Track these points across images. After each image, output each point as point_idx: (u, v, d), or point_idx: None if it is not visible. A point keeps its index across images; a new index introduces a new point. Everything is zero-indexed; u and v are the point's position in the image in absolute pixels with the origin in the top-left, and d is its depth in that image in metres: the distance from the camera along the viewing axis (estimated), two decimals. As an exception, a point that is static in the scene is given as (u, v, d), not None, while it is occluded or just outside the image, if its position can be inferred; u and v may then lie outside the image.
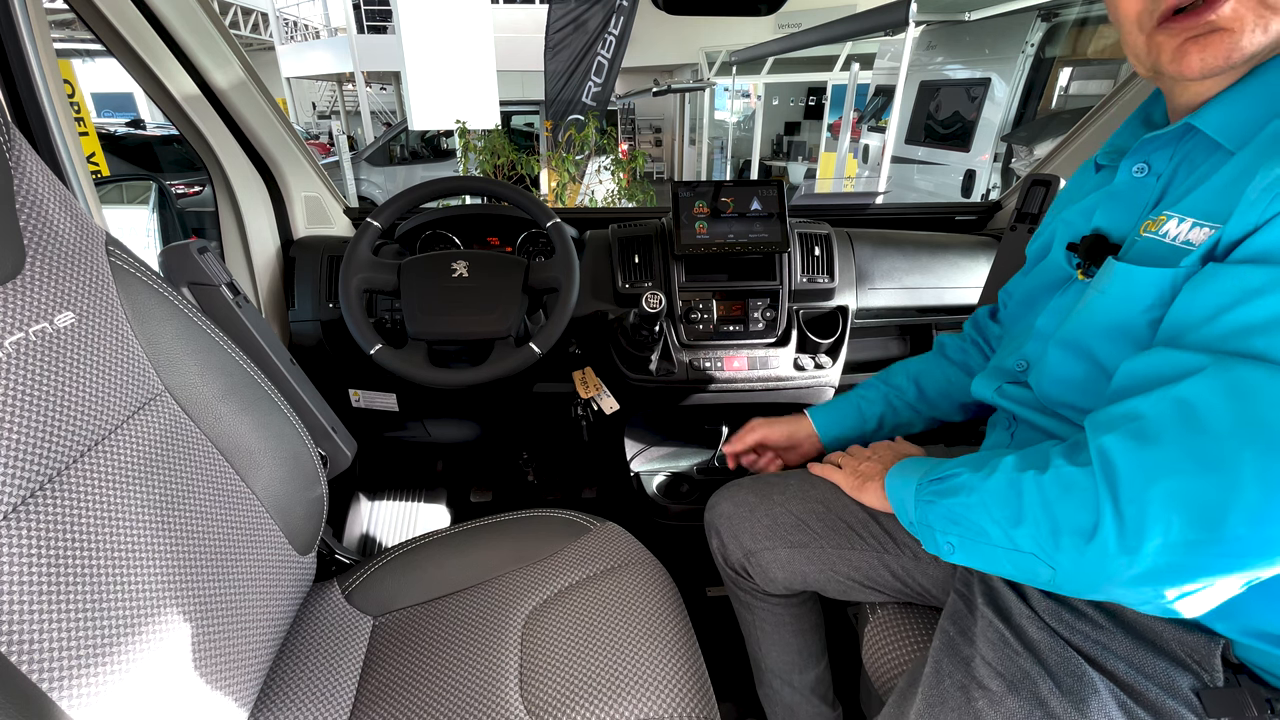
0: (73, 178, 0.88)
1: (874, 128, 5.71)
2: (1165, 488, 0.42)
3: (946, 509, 0.58)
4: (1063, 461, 0.49)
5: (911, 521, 0.63)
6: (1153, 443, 0.43)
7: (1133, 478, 0.43)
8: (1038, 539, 0.49)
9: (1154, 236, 0.52)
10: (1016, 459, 0.54)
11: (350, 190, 6.10)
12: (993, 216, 1.49)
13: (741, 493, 0.90)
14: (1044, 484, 0.49)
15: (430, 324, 1.03)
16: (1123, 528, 0.43)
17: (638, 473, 1.42)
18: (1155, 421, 0.44)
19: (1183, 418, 0.43)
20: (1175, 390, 0.44)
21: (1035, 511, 0.49)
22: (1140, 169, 0.59)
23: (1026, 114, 3.98)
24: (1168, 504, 0.42)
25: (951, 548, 0.57)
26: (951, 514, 0.57)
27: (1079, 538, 0.45)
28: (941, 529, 0.58)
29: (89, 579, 0.50)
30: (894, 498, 0.67)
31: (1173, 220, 0.51)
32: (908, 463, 0.68)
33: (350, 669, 0.75)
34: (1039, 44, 3.88)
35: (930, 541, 0.60)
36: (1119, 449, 0.45)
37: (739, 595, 0.95)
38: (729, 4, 0.99)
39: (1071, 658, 0.55)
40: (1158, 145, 0.58)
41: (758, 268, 1.21)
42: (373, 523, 1.53)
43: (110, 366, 0.58)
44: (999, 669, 0.57)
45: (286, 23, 13.10)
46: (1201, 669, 0.53)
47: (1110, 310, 0.55)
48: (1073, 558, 0.46)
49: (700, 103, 10.36)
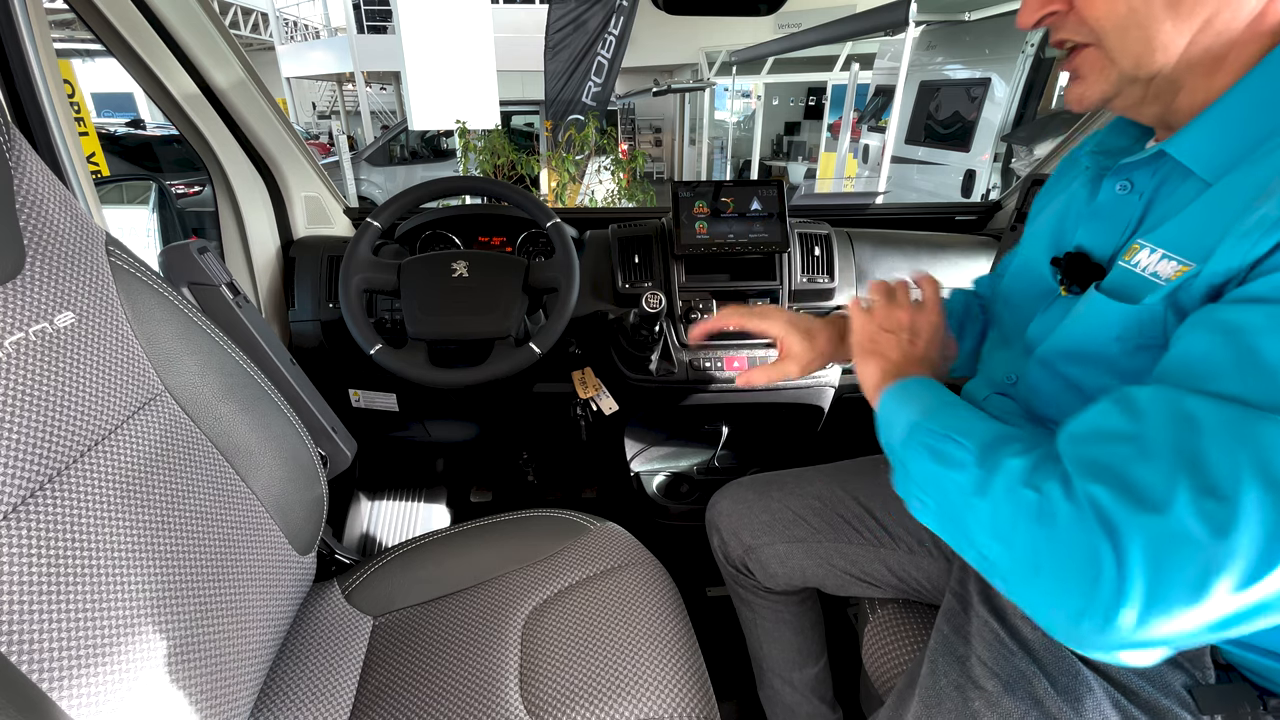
0: (73, 178, 0.88)
1: (874, 128, 5.71)
2: (1158, 529, 0.36)
3: (933, 473, 0.50)
4: (1060, 496, 0.40)
5: (891, 449, 0.56)
6: (1162, 509, 0.36)
7: (1135, 547, 0.36)
8: (1014, 565, 0.42)
9: (1127, 267, 0.51)
10: (1025, 470, 0.44)
11: (350, 190, 6.09)
12: (993, 216, 1.49)
13: (741, 490, 0.91)
14: (1041, 531, 0.40)
15: (430, 324, 1.03)
16: (1118, 598, 0.36)
17: (638, 473, 1.42)
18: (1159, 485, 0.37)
19: (1183, 446, 0.37)
20: (1186, 403, 0.39)
21: (1023, 545, 0.41)
22: (1123, 187, 0.57)
23: (1026, 114, 3.98)
24: (1163, 546, 0.36)
25: (923, 505, 0.52)
26: (937, 481, 0.50)
27: (1064, 593, 0.39)
28: (919, 484, 0.52)
29: (89, 579, 0.50)
30: (884, 414, 0.58)
31: (1144, 250, 0.50)
32: (919, 385, 0.57)
33: (350, 669, 0.75)
34: (1039, 44, 3.89)
35: (903, 484, 0.54)
36: (1116, 510, 0.38)
37: (739, 593, 0.96)
38: (729, 4, 0.99)
39: (1066, 657, 0.55)
40: (1138, 165, 0.56)
41: (758, 268, 1.21)
42: (373, 523, 1.53)
43: (110, 366, 0.58)
44: (994, 669, 0.57)
45: (286, 23, 13.11)
46: (1194, 667, 0.53)
47: (1081, 337, 0.55)
48: (1048, 601, 0.40)
49: (700, 103, 10.36)
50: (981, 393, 0.72)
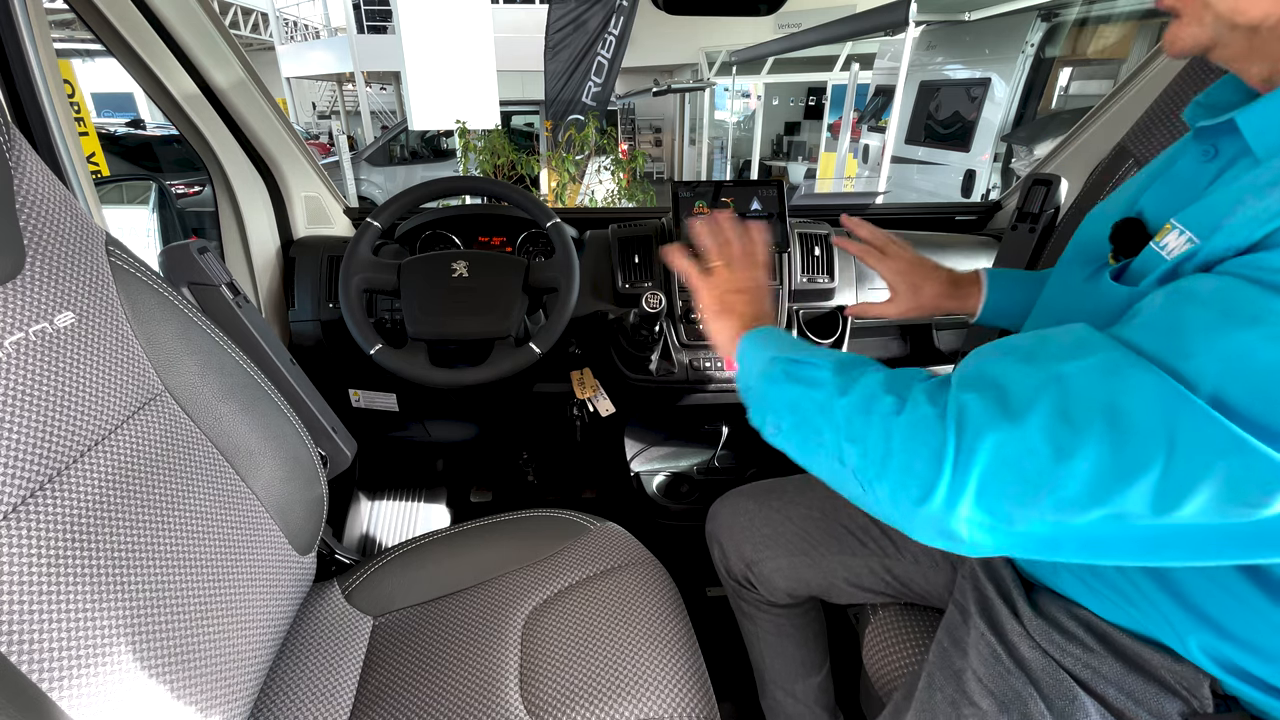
0: (73, 178, 0.88)
1: (874, 128, 5.71)
2: (1004, 455, 0.39)
3: (791, 394, 0.53)
4: (923, 400, 0.44)
5: (748, 387, 0.59)
6: (1015, 413, 0.40)
7: (977, 439, 0.40)
8: (867, 461, 0.46)
9: (1155, 248, 0.47)
10: (885, 379, 0.48)
11: (350, 190, 6.09)
12: (993, 216, 1.49)
13: (741, 500, 0.90)
14: (894, 419, 0.45)
15: (430, 324, 1.03)
16: (953, 483, 0.40)
17: (638, 473, 1.42)
18: (1027, 392, 0.40)
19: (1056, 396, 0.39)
20: (1064, 367, 0.40)
21: (875, 437, 0.45)
22: (1207, 152, 0.51)
23: (1026, 114, 3.98)
24: (999, 471, 0.39)
25: (777, 429, 0.54)
26: (794, 401, 0.52)
27: (906, 478, 0.43)
28: (775, 409, 0.54)
29: (89, 579, 0.50)
30: (741, 358, 0.61)
31: (1174, 232, 0.45)
32: (772, 333, 0.61)
33: (350, 669, 0.75)
34: (1039, 44, 3.89)
35: (759, 415, 0.56)
36: (976, 410, 0.41)
37: (741, 605, 0.95)
38: (729, 4, 0.99)
39: (1063, 679, 0.54)
40: (1218, 131, 0.50)
41: None
42: (373, 523, 1.53)
43: (110, 366, 0.58)
44: (990, 686, 0.56)
45: (286, 23, 13.11)
46: (1191, 695, 0.52)
47: (1086, 314, 0.51)
48: (892, 492, 0.44)
49: (700, 103, 10.36)
50: None
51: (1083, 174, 1.09)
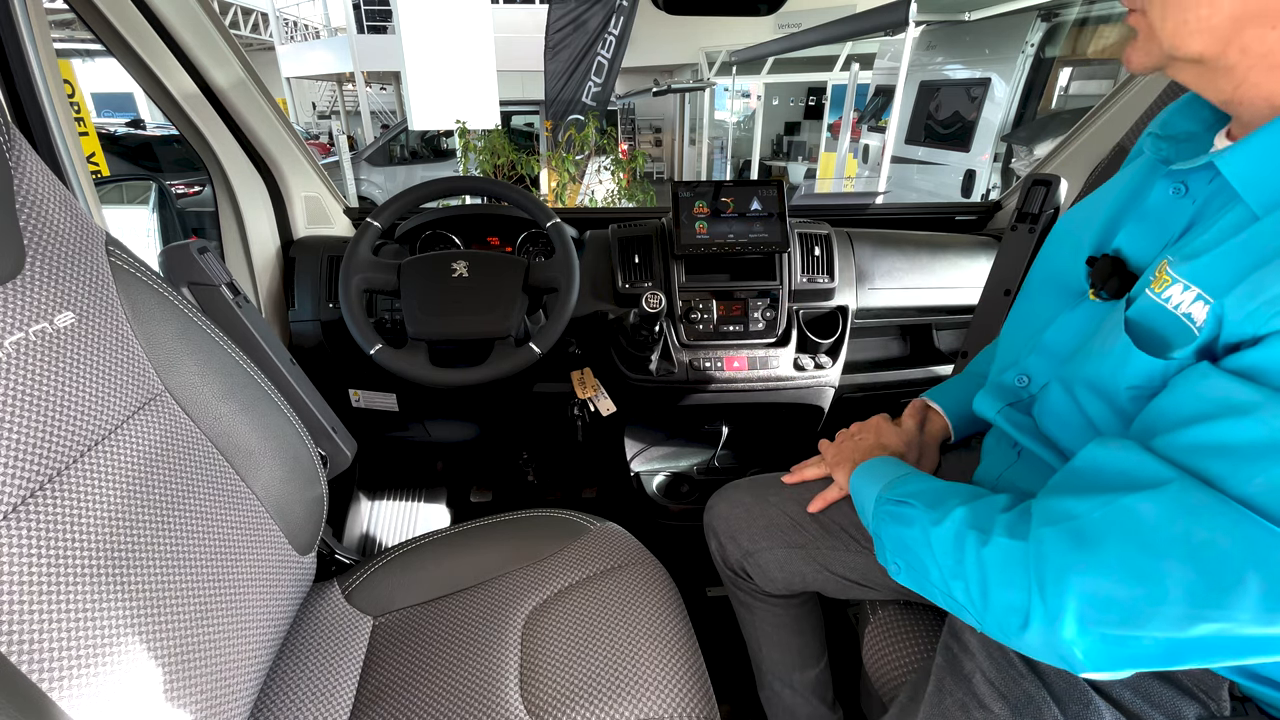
0: (73, 178, 0.88)
1: (874, 128, 5.71)
2: (1092, 589, 0.41)
3: (897, 534, 0.58)
4: (1004, 535, 0.48)
5: (870, 525, 0.64)
6: (1091, 546, 0.42)
7: (1062, 576, 0.43)
8: (970, 597, 0.49)
9: (1156, 300, 0.46)
10: (967, 513, 0.52)
11: (350, 190, 6.09)
12: (993, 217, 1.49)
13: (738, 494, 0.90)
14: (983, 554, 0.49)
15: (430, 324, 1.03)
16: (1048, 615, 0.43)
17: (638, 473, 1.42)
18: (1098, 525, 0.43)
19: (1128, 529, 0.41)
20: (1128, 500, 0.42)
21: (971, 574, 0.49)
22: (1177, 190, 0.52)
23: (1026, 114, 3.98)
24: (1093, 604, 0.41)
25: (898, 568, 0.58)
26: (901, 541, 0.58)
27: (1007, 611, 0.46)
28: (891, 548, 0.59)
29: (89, 579, 0.50)
30: (857, 498, 0.67)
31: (1177, 285, 0.45)
32: (877, 463, 0.68)
33: (350, 669, 0.75)
34: (1039, 44, 3.89)
35: (881, 554, 0.61)
36: (1055, 546, 0.44)
37: (738, 595, 0.95)
38: (729, 4, 0.99)
39: (1076, 683, 0.54)
40: (1192, 171, 0.51)
41: (758, 268, 1.21)
42: (373, 523, 1.53)
43: (110, 366, 0.58)
44: (1002, 690, 0.56)
45: (286, 23, 13.11)
46: (1209, 698, 0.52)
47: (1101, 371, 0.52)
48: (998, 622, 0.47)
49: (700, 103, 10.36)
50: (992, 408, 0.68)
51: (1083, 174, 1.09)
